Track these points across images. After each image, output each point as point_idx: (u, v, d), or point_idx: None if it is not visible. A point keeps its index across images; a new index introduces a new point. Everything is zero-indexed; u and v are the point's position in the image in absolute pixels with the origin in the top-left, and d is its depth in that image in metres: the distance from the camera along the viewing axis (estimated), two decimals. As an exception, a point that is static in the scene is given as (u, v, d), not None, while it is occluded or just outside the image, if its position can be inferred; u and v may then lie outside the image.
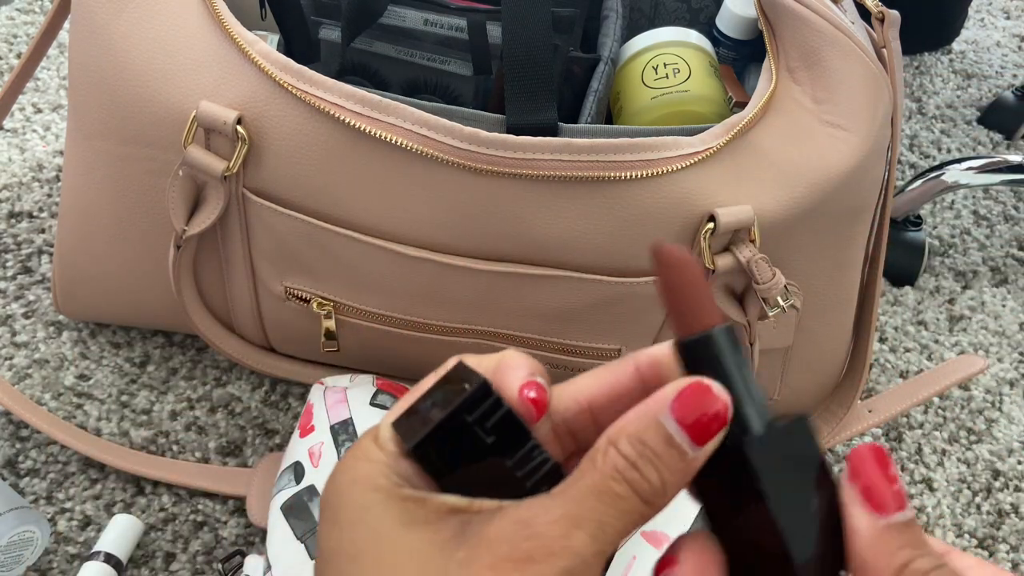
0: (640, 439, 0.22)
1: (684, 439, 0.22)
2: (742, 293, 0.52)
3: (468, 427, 0.23)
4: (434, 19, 0.59)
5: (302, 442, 0.50)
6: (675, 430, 0.22)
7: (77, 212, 0.56)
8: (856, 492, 0.23)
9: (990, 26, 1.08)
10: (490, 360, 0.25)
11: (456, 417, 0.23)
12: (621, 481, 0.22)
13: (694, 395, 0.22)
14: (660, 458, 0.22)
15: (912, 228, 0.76)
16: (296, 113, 0.47)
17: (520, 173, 0.46)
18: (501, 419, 0.23)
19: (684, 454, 0.22)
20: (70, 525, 0.54)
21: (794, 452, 0.23)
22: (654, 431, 0.22)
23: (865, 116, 0.49)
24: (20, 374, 0.62)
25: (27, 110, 0.80)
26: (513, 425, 0.23)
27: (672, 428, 0.22)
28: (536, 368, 0.25)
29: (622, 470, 0.22)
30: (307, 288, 0.54)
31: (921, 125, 0.92)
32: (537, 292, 0.51)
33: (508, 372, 0.24)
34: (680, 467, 0.22)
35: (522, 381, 0.24)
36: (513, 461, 0.23)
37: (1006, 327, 0.73)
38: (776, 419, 0.23)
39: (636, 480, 0.22)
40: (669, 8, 0.67)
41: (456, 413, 0.23)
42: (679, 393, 0.22)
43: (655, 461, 0.22)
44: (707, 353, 0.23)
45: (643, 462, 0.22)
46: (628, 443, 0.22)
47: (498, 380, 0.24)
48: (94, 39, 0.50)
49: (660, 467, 0.22)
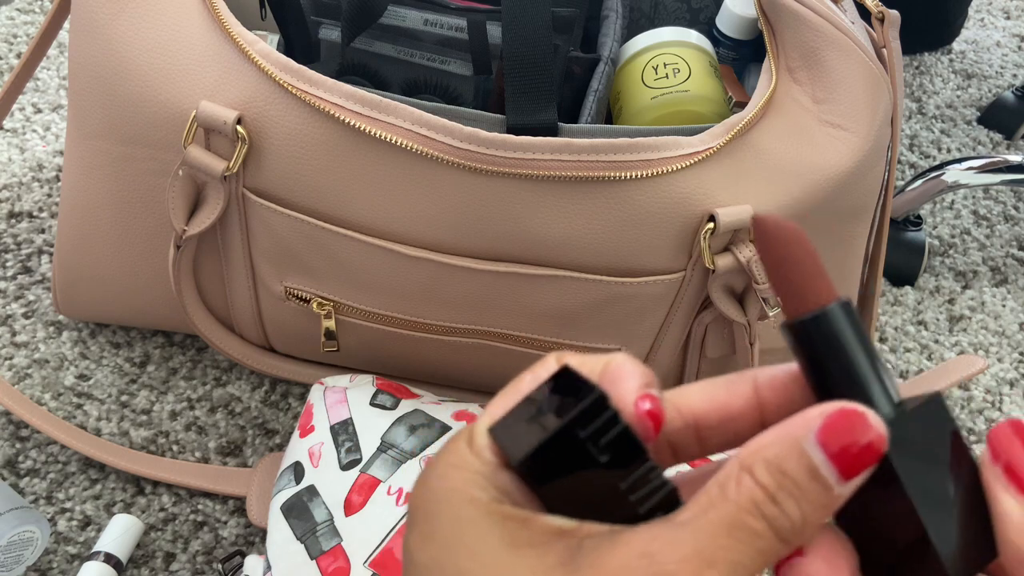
0: (780, 468, 0.19)
1: (831, 471, 0.19)
2: (742, 293, 0.52)
3: (580, 443, 0.20)
4: (434, 19, 0.59)
5: (302, 442, 0.50)
6: (821, 461, 0.19)
7: (77, 212, 0.56)
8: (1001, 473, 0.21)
9: (990, 26, 1.08)
10: (596, 362, 0.23)
11: (568, 431, 0.20)
12: (759, 516, 0.19)
13: (845, 422, 0.19)
14: (802, 491, 0.19)
15: (912, 228, 0.76)
16: (296, 113, 0.47)
17: (520, 173, 0.46)
18: (617, 436, 0.21)
19: (829, 489, 0.19)
20: (70, 525, 0.54)
21: (929, 434, 0.21)
22: (796, 460, 0.19)
23: (865, 116, 0.49)
24: (20, 374, 0.62)
25: (27, 110, 0.80)
26: (629, 443, 0.21)
27: (818, 458, 0.19)
28: (649, 378, 0.23)
29: (760, 503, 0.19)
30: (307, 288, 0.54)
31: (921, 125, 0.92)
32: (537, 292, 0.51)
33: (620, 381, 0.22)
34: (823, 503, 0.19)
35: (636, 393, 0.22)
36: (628, 483, 0.21)
37: (1006, 327, 0.73)
38: (907, 400, 0.21)
39: (775, 516, 0.19)
40: (669, 8, 0.67)
41: (569, 427, 0.20)
42: (827, 419, 0.19)
43: (796, 494, 0.19)
44: (825, 333, 0.21)
45: (783, 495, 0.19)
46: (767, 471, 0.19)
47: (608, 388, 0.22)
48: (94, 39, 0.50)
49: (802, 501, 0.19)
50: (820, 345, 0.21)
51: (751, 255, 0.48)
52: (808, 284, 0.21)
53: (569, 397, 0.21)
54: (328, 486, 0.47)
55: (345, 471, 0.47)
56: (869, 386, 0.21)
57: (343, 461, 0.48)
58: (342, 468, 0.47)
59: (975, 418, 0.66)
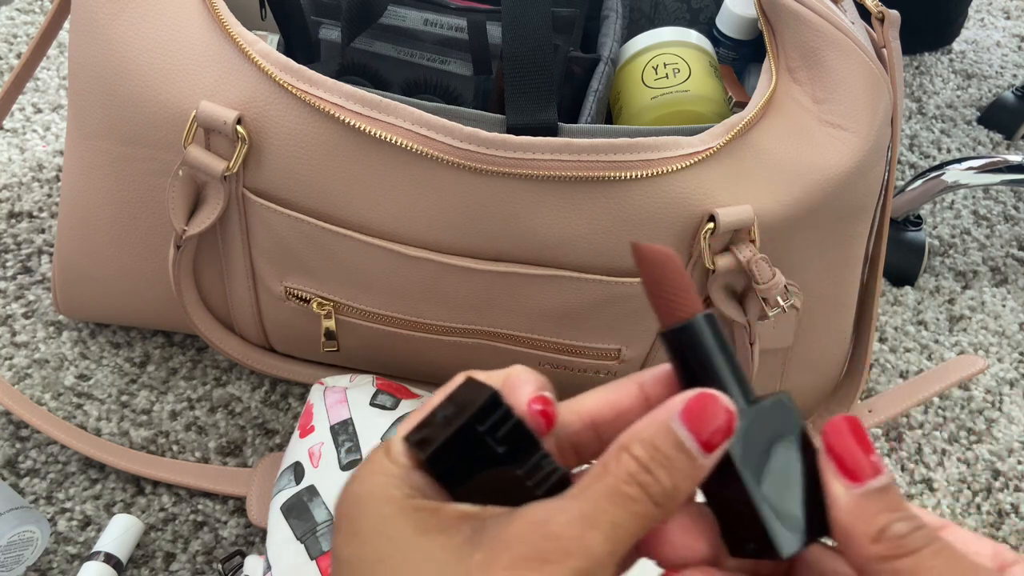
0: (652, 444, 0.23)
1: (693, 444, 0.23)
2: (742, 293, 0.52)
3: (480, 437, 0.23)
4: (434, 19, 0.59)
5: (302, 442, 0.50)
6: (685, 436, 0.23)
7: (77, 212, 0.56)
8: (832, 463, 0.24)
9: (990, 26, 1.08)
10: (498, 375, 0.26)
11: (468, 428, 0.23)
12: (633, 484, 0.23)
13: (702, 403, 0.23)
14: (671, 462, 0.23)
15: (912, 228, 0.76)
16: (296, 113, 0.47)
17: (520, 173, 0.46)
18: (511, 429, 0.24)
19: (694, 459, 0.23)
20: (70, 525, 0.54)
21: (777, 427, 0.24)
22: (665, 437, 0.23)
23: (865, 116, 0.49)
24: (20, 374, 0.62)
25: (27, 110, 0.80)
26: (523, 436, 0.24)
27: (683, 434, 0.23)
28: (543, 383, 0.26)
29: (634, 473, 0.23)
30: (307, 288, 0.54)
31: (921, 125, 0.92)
32: (537, 292, 0.51)
33: (517, 387, 0.25)
34: (690, 471, 0.23)
35: (531, 395, 0.25)
36: (524, 470, 0.24)
37: (1006, 327, 0.73)
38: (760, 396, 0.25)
39: (648, 483, 0.23)
40: (669, 8, 0.67)
41: (468, 424, 0.23)
42: (688, 402, 0.23)
43: (667, 464, 0.23)
44: (690, 340, 0.24)
45: (655, 465, 0.23)
46: (641, 448, 0.23)
47: (506, 394, 0.25)
48: (94, 39, 0.50)
49: (671, 470, 0.23)
50: (687, 350, 0.25)
51: (751, 255, 0.48)
52: (678, 299, 0.25)
53: (470, 401, 0.24)
54: (328, 486, 0.47)
55: (345, 471, 0.47)
56: (726, 383, 0.24)
57: (343, 461, 0.48)
58: (342, 468, 0.47)
59: (975, 418, 0.66)
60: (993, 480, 0.62)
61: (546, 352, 0.55)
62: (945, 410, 0.66)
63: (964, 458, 0.63)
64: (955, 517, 0.60)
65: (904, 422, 0.65)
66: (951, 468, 0.63)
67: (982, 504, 0.61)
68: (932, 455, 0.63)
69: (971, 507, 0.61)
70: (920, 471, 0.62)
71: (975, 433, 0.65)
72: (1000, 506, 0.61)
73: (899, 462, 0.63)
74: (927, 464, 0.63)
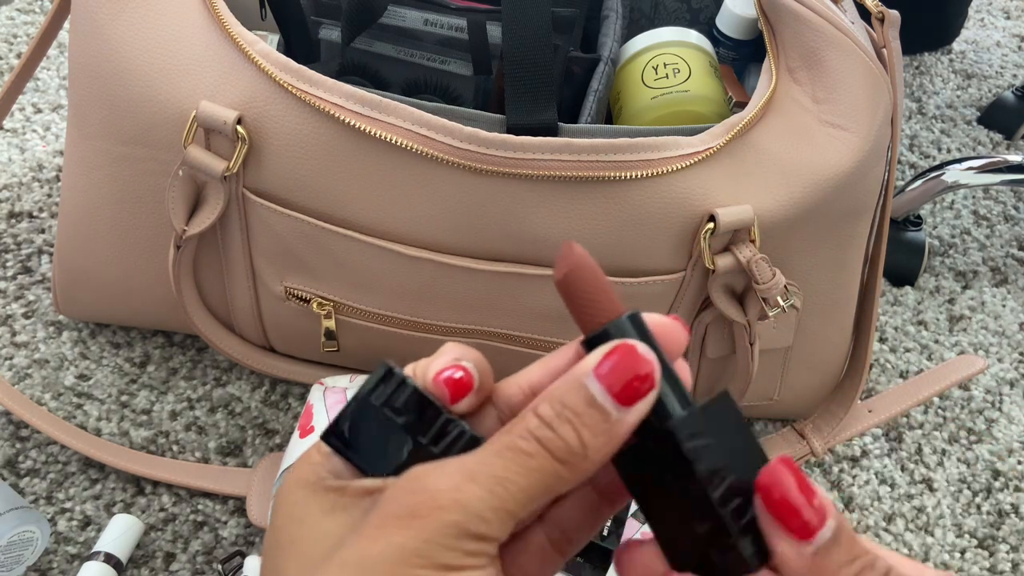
0: (560, 401, 0.22)
1: (607, 400, 0.22)
2: (742, 293, 0.52)
3: (377, 410, 0.24)
4: (434, 19, 0.59)
5: (302, 442, 0.50)
6: (598, 391, 0.22)
7: (77, 212, 0.56)
8: (773, 520, 0.22)
9: (990, 26, 1.08)
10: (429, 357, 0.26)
11: (362, 402, 0.24)
12: (531, 440, 0.22)
13: (619, 355, 0.22)
14: (580, 417, 0.22)
15: (912, 228, 0.76)
16: (296, 113, 0.47)
17: (520, 173, 0.46)
18: (408, 398, 0.24)
19: (608, 415, 0.22)
20: (70, 525, 0.54)
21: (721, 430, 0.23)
22: (575, 392, 0.22)
23: (865, 116, 0.49)
24: (20, 374, 0.62)
25: (27, 110, 0.80)
26: (422, 403, 0.24)
27: (595, 389, 0.22)
28: (467, 355, 0.25)
29: (533, 429, 0.22)
30: (307, 288, 0.54)
31: (921, 125, 0.92)
32: (537, 292, 0.51)
33: (433, 360, 0.25)
34: (604, 428, 0.22)
35: (444, 365, 0.24)
36: (428, 437, 0.24)
37: (1006, 327, 0.73)
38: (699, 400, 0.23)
39: (548, 438, 0.22)
40: (669, 8, 0.67)
41: (361, 398, 0.24)
42: (604, 355, 0.22)
43: (573, 420, 0.22)
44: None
45: (559, 421, 0.22)
46: (548, 405, 0.22)
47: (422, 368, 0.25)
48: (94, 39, 0.50)
49: (579, 426, 0.22)
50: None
51: (751, 255, 0.48)
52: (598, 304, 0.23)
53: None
54: (328, 486, 0.47)
55: (345, 471, 0.47)
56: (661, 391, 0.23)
57: (343, 461, 0.48)
58: (342, 468, 0.47)
59: (975, 418, 0.66)
60: (993, 480, 0.62)
61: (545, 352, 0.55)
62: (945, 410, 0.66)
63: (964, 458, 0.63)
64: (955, 517, 0.60)
65: (904, 422, 0.65)
66: (951, 468, 0.63)
67: (982, 504, 0.61)
68: (932, 455, 0.63)
69: (971, 507, 0.61)
70: (920, 471, 0.62)
71: (975, 433, 0.65)
72: (1000, 506, 0.61)
73: (899, 462, 0.63)
74: (927, 464, 0.63)
